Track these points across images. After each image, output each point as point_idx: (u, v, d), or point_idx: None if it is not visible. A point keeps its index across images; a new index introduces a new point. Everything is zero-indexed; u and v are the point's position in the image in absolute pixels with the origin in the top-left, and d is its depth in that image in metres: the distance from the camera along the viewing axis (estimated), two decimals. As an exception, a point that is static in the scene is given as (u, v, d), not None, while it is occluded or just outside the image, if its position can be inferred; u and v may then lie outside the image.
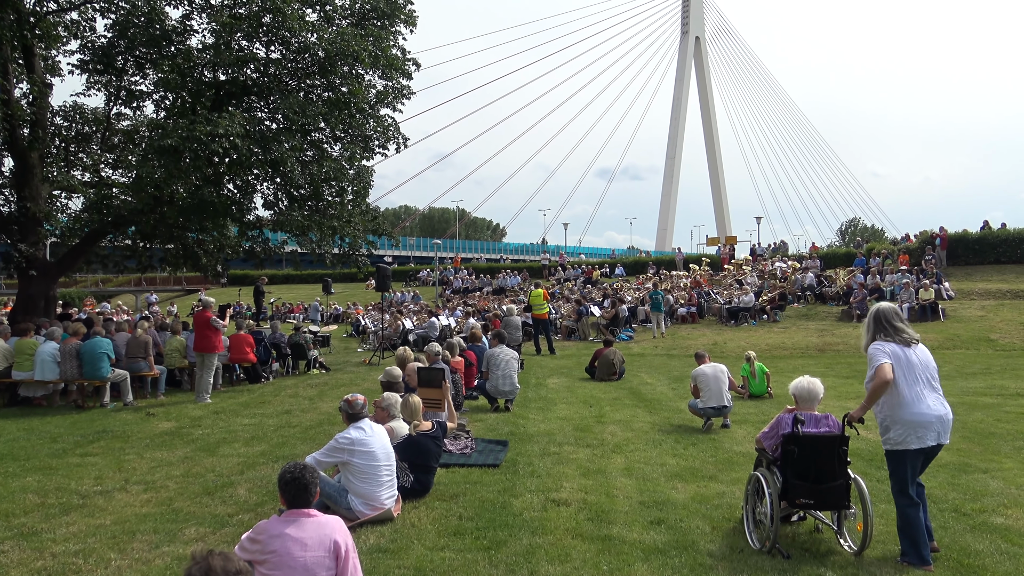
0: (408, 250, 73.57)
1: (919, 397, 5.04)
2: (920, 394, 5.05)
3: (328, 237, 18.06)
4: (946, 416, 5.10)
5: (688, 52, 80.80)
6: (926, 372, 5.13)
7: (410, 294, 37.57)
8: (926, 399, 5.04)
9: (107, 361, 12.66)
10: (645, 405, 12.31)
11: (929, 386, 5.11)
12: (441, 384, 8.99)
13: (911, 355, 5.12)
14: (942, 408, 5.09)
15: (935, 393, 5.12)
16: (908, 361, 5.09)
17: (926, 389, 5.08)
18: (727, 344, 21.70)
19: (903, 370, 5.06)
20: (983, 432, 9.51)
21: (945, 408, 5.12)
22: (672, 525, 5.96)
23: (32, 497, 6.97)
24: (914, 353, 5.14)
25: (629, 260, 46.51)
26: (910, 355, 5.12)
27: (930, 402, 5.05)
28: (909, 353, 5.12)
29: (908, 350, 5.13)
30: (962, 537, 5.62)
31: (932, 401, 5.06)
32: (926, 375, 5.12)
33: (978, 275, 27.84)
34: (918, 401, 5.03)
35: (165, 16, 16.66)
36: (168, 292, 54.76)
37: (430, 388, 9.04)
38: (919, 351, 5.19)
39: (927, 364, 5.17)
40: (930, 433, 5.02)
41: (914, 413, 5.01)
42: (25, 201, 16.52)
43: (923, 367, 5.13)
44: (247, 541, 3.91)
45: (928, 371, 5.15)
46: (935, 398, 5.10)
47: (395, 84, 18.56)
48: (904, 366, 5.07)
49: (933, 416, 5.02)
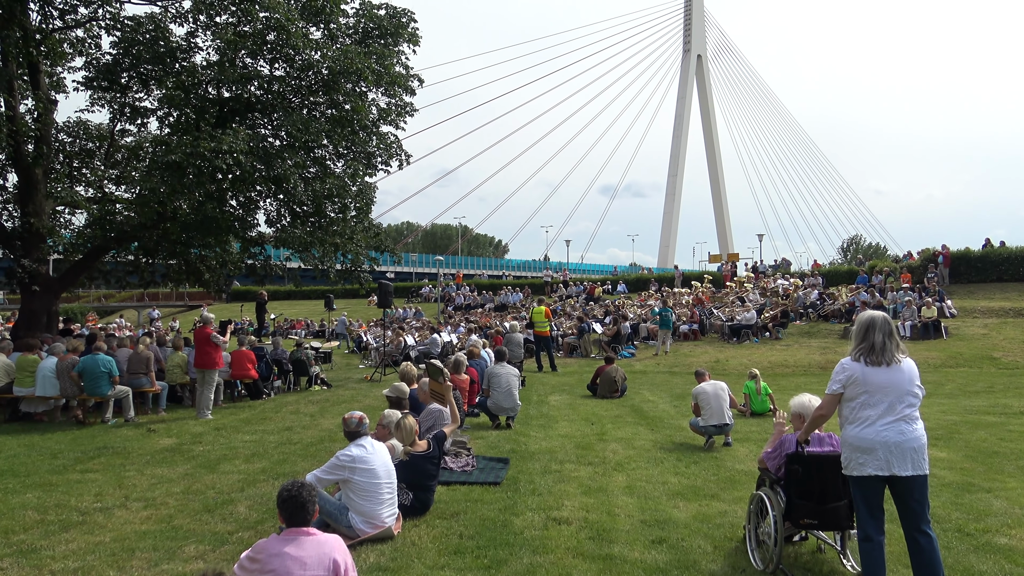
0: (410, 266, 73.62)
1: (867, 421, 4.67)
2: (869, 418, 4.67)
3: (330, 253, 18.11)
4: (900, 443, 4.60)
5: (690, 70, 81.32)
6: (894, 394, 4.68)
7: (412, 310, 37.58)
8: (876, 423, 4.64)
9: (108, 378, 12.64)
10: (647, 423, 12.26)
11: (891, 410, 4.65)
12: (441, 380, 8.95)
13: (882, 375, 4.70)
14: (896, 435, 4.61)
15: (893, 417, 4.65)
16: (874, 383, 4.70)
17: (886, 414, 4.65)
18: (729, 361, 21.64)
19: (865, 391, 4.70)
20: (986, 451, 9.46)
21: (903, 435, 4.62)
22: (674, 544, 5.92)
23: (32, 514, 6.94)
24: (889, 373, 4.71)
25: (631, 277, 46.54)
26: (880, 376, 4.70)
27: (879, 426, 4.64)
28: (879, 374, 4.71)
29: (880, 370, 4.71)
30: (965, 558, 5.58)
31: (883, 425, 4.63)
32: (892, 398, 4.67)
33: (980, 293, 27.80)
34: (864, 424, 4.68)
35: (170, 33, 16.82)
36: (170, 308, 54.89)
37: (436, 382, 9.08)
38: (898, 371, 4.73)
39: (899, 386, 4.70)
40: (872, 460, 4.62)
41: (855, 436, 4.70)
42: (29, 216, 16.60)
43: (894, 388, 4.69)
44: (246, 560, 3.89)
45: (898, 393, 4.69)
46: (890, 423, 4.64)
47: (398, 101, 18.69)
48: (868, 388, 4.70)
49: (876, 442, 4.61)
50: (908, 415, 4.68)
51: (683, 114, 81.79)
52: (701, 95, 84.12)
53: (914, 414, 4.72)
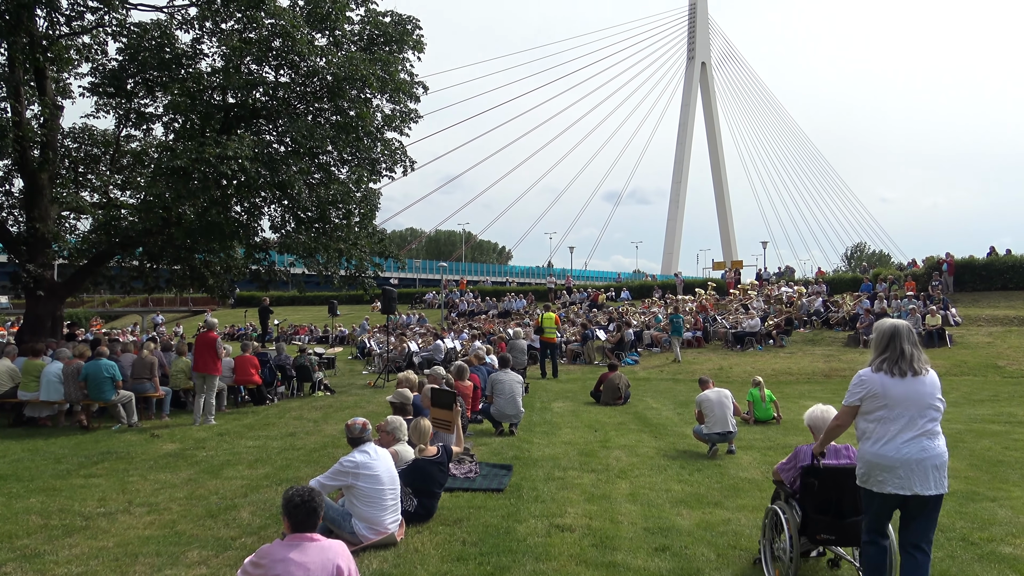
0: (414, 272, 73.62)
1: (886, 437, 4.43)
2: (888, 433, 4.43)
3: (335, 259, 18.15)
4: (923, 460, 4.36)
5: (694, 77, 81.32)
6: (916, 408, 4.44)
7: (415, 316, 37.58)
8: (896, 439, 4.40)
9: (111, 383, 12.65)
10: (650, 430, 12.25)
11: (912, 425, 4.41)
12: (452, 407, 8.98)
13: (903, 387, 4.46)
14: (918, 452, 4.37)
15: (913, 433, 4.41)
16: (894, 396, 4.46)
17: (906, 428, 4.41)
18: (733, 369, 21.62)
19: (884, 405, 4.47)
20: (991, 460, 9.43)
21: (925, 452, 4.38)
22: (677, 552, 5.91)
23: (35, 518, 6.95)
24: (910, 384, 4.47)
25: (635, 284, 46.50)
26: (899, 388, 4.46)
27: (899, 443, 4.39)
28: (901, 386, 4.47)
29: (903, 381, 4.47)
30: (970, 567, 5.55)
31: (904, 442, 4.39)
32: (913, 412, 4.43)
33: (985, 301, 27.74)
34: (883, 441, 4.44)
35: (176, 40, 16.91)
36: (174, 313, 55.00)
37: (442, 409, 9.05)
38: (920, 383, 4.48)
39: (920, 400, 4.46)
40: (892, 479, 4.38)
41: (874, 453, 4.46)
42: (34, 222, 16.67)
43: (916, 402, 4.45)
44: (250, 565, 3.89)
45: (920, 407, 4.45)
46: (910, 439, 4.40)
47: (403, 108, 18.74)
48: (888, 401, 4.46)
49: (897, 460, 4.37)
50: (930, 430, 4.44)
51: (687, 121, 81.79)
52: (705, 102, 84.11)
53: (935, 429, 4.47)
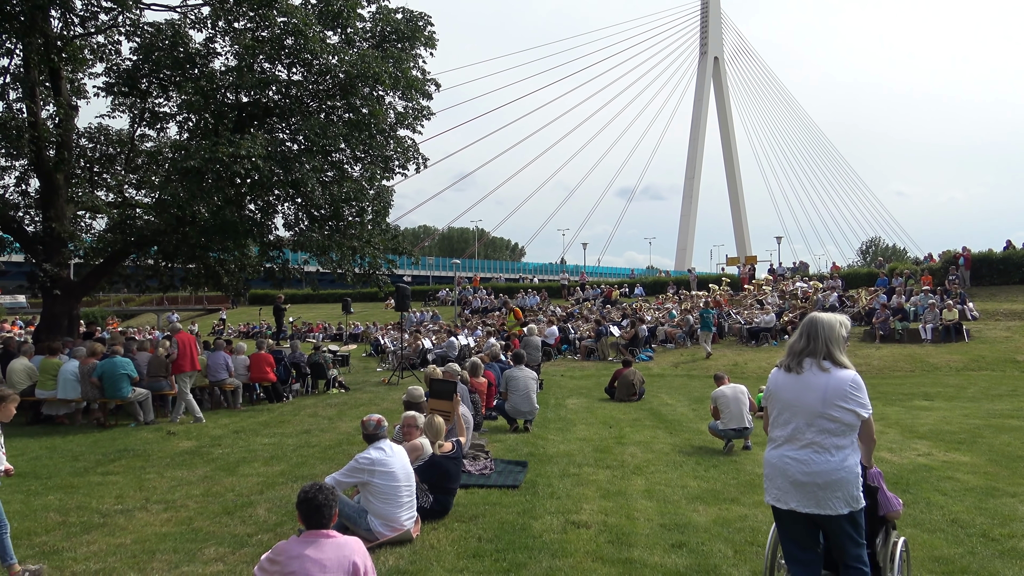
0: (427, 270, 73.75)
1: (774, 442, 4.07)
2: (776, 439, 4.06)
3: (348, 257, 18.18)
4: (797, 474, 3.88)
5: (707, 72, 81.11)
6: (802, 416, 3.91)
7: (429, 314, 37.64)
8: (782, 447, 4.00)
9: (127, 381, 12.72)
10: (665, 426, 12.20)
11: (798, 436, 3.92)
12: (452, 397, 9.03)
13: (790, 390, 3.99)
14: (795, 464, 3.89)
15: (798, 444, 3.92)
16: (782, 399, 4.03)
17: (791, 439, 3.96)
18: (747, 365, 21.51)
19: (776, 407, 4.08)
20: (1010, 455, 9.32)
21: (805, 466, 3.86)
22: (694, 548, 5.88)
23: (53, 516, 7.00)
24: (797, 385, 3.96)
25: (648, 280, 46.34)
26: (788, 391, 4.00)
27: (783, 451, 3.98)
28: (788, 388, 4.00)
29: (791, 381, 4.00)
30: (991, 563, 5.49)
31: (787, 451, 3.97)
32: (799, 421, 3.93)
33: (1003, 295, 27.46)
34: (771, 446, 4.09)
35: (189, 39, 16.97)
36: (189, 311, 55.30)
37: (440, 400, 9.14)
38: (809, 388, 3.91)
39: (807, 406, 3.90)
40: (771, 488, 4.03)
41: (765, 457, 4.13)
42: (50, 221, 16.78)
43: (801, 409, 3.92)
44: (266, 562, 3.90)
45: (807, 415, 3.90)
46: (794, 449, 3.93)
47: (415, 105, 18.73)
48: (779, 403, 4.05)
49: (777, 468, 3.99)
50: (818, 443, 3.86)
51: (700, 116, 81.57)
52: (718, 97, 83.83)
53: (828, 442, 3.85)
